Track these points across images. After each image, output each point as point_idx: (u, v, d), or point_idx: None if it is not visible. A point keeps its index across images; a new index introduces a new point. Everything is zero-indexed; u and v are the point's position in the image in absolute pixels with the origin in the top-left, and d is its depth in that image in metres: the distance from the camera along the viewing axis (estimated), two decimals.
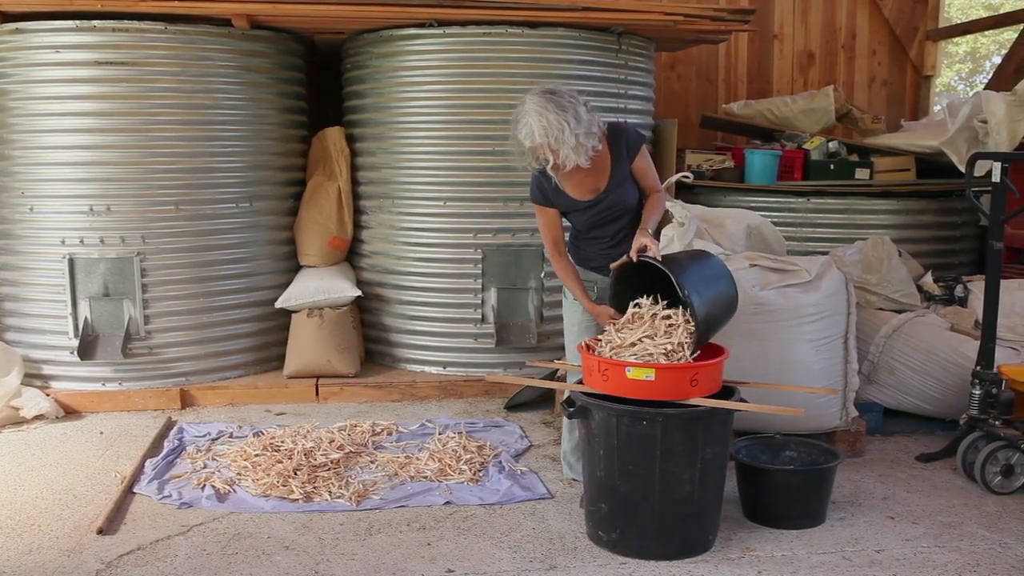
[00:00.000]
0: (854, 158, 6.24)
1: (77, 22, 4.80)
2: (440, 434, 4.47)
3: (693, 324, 3.20)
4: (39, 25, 4.82)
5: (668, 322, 3.24)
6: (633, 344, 3.23)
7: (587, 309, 3.63)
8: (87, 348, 4.97)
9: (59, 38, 4.82)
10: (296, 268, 5.56)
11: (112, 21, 4.82)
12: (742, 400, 3.27)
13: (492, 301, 5.31)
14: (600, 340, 3.36)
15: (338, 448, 4.21)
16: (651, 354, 3.18)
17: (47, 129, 4.90)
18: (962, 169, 5.38)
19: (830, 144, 6.25)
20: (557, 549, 3.30)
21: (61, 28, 4.81)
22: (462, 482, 3.91)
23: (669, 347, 3.18)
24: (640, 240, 3.36)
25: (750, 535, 3.43)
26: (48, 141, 4.90)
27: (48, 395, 4.90)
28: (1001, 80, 6.71)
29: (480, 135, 5.18)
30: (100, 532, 3.41)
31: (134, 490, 3.83)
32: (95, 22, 4.81)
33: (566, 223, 3.71)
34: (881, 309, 4.91)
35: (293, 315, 5.35)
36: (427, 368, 5.46)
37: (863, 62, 7.77)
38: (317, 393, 5.17)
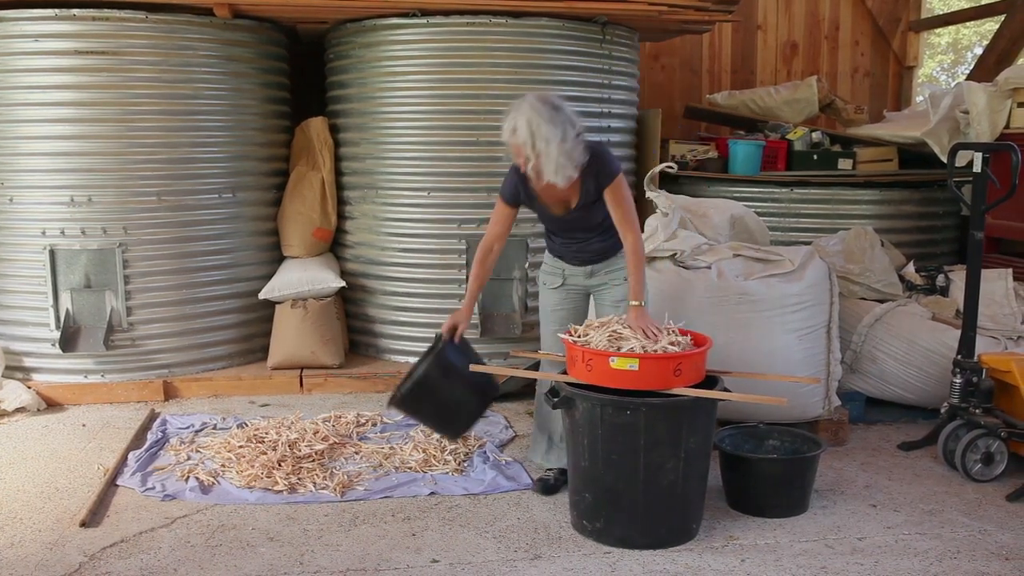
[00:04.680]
0: (837, 148, 6.26)
1: (56, 11, 4.75)
2: None
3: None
4: (18, 14, 4.76)
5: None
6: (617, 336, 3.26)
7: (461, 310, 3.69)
8: (69, 340, 4.93)
9: (38, 27, 4.77)
10: (279, 259, 5.54)
11: (92, 10, 4.78)
12: (725, 389, 3.28)
13: None
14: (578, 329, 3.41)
15: (322, 439, 4.21)
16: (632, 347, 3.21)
17: (27, 119, 4.85)
18: (944, 159, 5.42)
19: (813, 134, 6.27)
20: (542, 539, 3.31)
21: (40, 17, 4.76)
22: (447, 472, 3.91)
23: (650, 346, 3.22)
24: (631, 318, 3.35)
25: (734, 523, 3.46)
26: (28, 131, 4.85)
27: (30, 387, 4.86)
28: (983, 71, 6.75)
29: (464, 125, 5.16)
30: (83, 525, 3.39)
31: (117, 482, 3.81)
32: (75, 11, 4.76)
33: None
34: (864, 299, 4.94)
35: (277, 306, 5.32)
36: (411, 359, 5.42)
37: (846, 53, 7.80)
38: (301, 384, 5.16)
